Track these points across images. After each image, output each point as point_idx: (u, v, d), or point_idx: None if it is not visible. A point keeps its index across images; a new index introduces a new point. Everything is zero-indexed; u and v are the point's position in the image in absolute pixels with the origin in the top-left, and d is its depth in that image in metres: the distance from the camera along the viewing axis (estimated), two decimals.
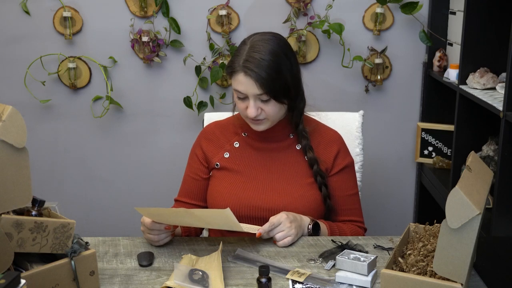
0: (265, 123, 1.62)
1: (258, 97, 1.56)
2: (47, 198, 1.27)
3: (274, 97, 1.55)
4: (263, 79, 1.52)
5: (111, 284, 1.34)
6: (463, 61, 2.25)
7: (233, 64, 1.57)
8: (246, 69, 1.53)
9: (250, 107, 1.57)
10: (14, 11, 2.67)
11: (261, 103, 1.57)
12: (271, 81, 1.53)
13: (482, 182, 1.22)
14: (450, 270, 1.11)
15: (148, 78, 2.76)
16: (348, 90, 2.76)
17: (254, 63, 1.53)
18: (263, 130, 1.64)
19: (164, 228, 1.50)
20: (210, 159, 1.73)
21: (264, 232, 1.50)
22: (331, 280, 1.32)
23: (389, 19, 2.66)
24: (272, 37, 1.59)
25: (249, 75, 1.53)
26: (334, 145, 1.71)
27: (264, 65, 1.53)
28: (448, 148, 2.66)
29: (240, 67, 1.54)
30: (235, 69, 1.56)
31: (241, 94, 1.58)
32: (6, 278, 0.98)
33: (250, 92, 1.55)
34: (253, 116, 1.57)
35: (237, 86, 1.57)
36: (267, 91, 1.54)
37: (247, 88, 1.55)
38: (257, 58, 1.53)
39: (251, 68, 1.52)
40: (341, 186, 1.70)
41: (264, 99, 1.56)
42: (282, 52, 1.57)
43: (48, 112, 2.80)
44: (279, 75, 1.55)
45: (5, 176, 1.11)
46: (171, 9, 2.65)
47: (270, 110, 1.58)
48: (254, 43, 1.57)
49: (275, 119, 1.63)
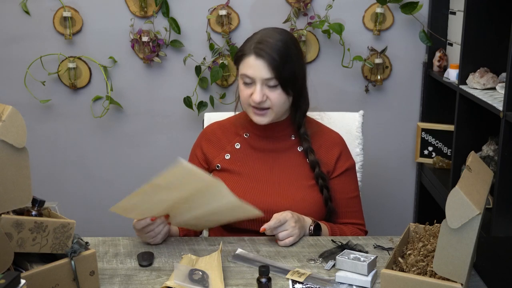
0: (268, 114, 1.61)
1: (266, 83, 1.56)
2: (47, 198, 1.27)
3: (282, 83, 1.56)
4: (275, 61, 1.54)
5: (111, 284, 1.34)
6: (463, 61, 2.25)
7: (243, 48, 1.59)
8: (259, 50, 1.55)
9: (256, 92, 1.56)
10: (14, 11, 2.67)
11: (267, 90, 1.57)
12: (281, 66, 1.55)
13: (482, 182, 1.22)
14: (450, 270, 1.11)
15: (148, 78, 2.76)
16: (348, 90, 2.76)
17: (267, 45, 1.55)
18: (266, 123, 1.62)
19: (151, 220, 1.47)
20: (210, 161, 1.72)
21: (269, 228, 1.50)
22: (331, 280, 1.32)
23: (389, 19, 2.66)
24: (283, 30, 1.63)
25: (261, 57, 1.54)
26: (336, 147, 1.71)
27: (276, 49, 1.55)
28: (448, 148, 2.66)
29: (251, 50, 1.56)
30: (245, 52, 1.58)
31: (248, 79, 1.58)
32: (6, 278, 0.98)
33: (258, 76, 1.55)
34: (258, 101, 1.56)
35: (246, 70, 1.57)
36: (276, 75, 1.54)
37: (256, 71, 1.55)
38: (270, 41, 1.56)
39: (263, 49, 1.54)
40: (343, 188, 1.70)
41: (271, 85, 1.56)
42: (292, 43, 1.60)
43: (48, 112, 2.80)
44: (289, 62, 1.57)
45: (5, 176, 1.11)
46: (171, 9, 2.65)
47: (276, 98, 1.58)
48: (266, 32, 1.60)
49: (279, 112, 1.62)
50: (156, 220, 1.49)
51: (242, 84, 1.60)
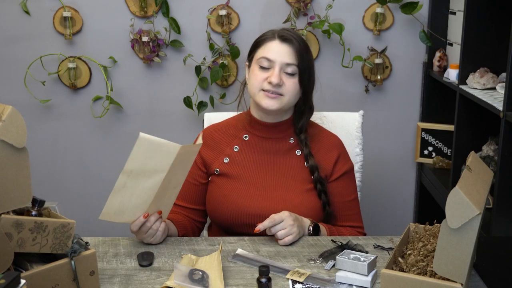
0: (279, 100, 1.61)
1: (284, 69, 1.60)
2: (47, 198, 1.27)
3: (300, 72, 1.61)
4: (301, 47, 1.61)
5: (111, 284, 1.34)
6: (463, 61, 2.25)
7: (265, 34, 1.65)
8: (285, 35, 1.61)
9: (274, 73, 1.59)
10: (14, 11, 2.67)
11: (284, 76, 1.61)
12: (304, 55, 1.61)
13: (482, 182, 1.22)
14: (450, 270, 1.11)
15: (148, 78, 2.76)
16: (348, 90, 2.76)
17: (292, 33, 1.63)
18: (275, 109, 1.61)
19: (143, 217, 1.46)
20: (209, 165, 1.71)
21: (264, 228, 1.50)
22: (331, 280, 1.32)
23: (389, 19, 2.66)
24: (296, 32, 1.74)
25: (287, 41, 1.61)
26: (334, 150, 1.71)
27: (300, 38, 1.64)
28: (448, 148, 2.66)
29: (275, 35, 1.63)
30: (268, 36, 1.64)
31: (267, 63, 1.61)
32: (6, 278, 0.98)
33: (279, 59, 1.60)
34: (276, 82, 1.58)
35: (267, 53, 1.61)
36: (298, 62, 1.60)
37: (279, 55, 1.60)
38: (292, 32, 1.64)
39: (289, 35, 1.62)
40: (341, 192, 1.70)
41: (290, 72, 1.61)
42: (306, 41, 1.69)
43: (48, 112, 2.80)
44: (309, 55, 1.65)
45: (5, 176, 1.11)
46: (171, 9, 2.65)
47: (291, 86, 1.61)
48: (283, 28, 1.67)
49: (289, 101, 1.63)
50: (149, 218, 1.47)
51: (258, 69, 1.63)
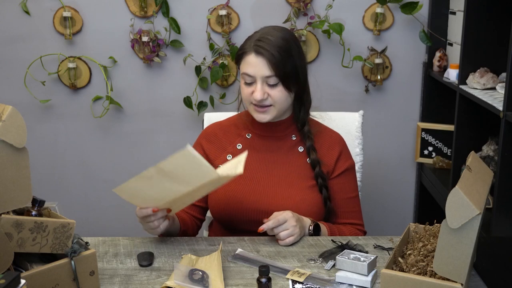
0: (270, 111, 1.61)
1: (266, 80, 1.56)
2: (47, 198, 1.27)
3: (283, 80, 1.56)
4: (275, 58, 1.54)
5: (111, 284, 1.34)
6: (463, 61, 2.25)
7: (243, 47, 1.60)
8: (258, 48, 1.55)
9: (257, 90, 1.57)
10: (14, 11, 2.67)
11: (268, 88, 1.58)
12: (281, 63, 1.55)
13: (482, 182, 1.22)
14: (450, 270, 1.11)
15: (148, 78, 2.76)
16: (348, 90, 2.76)
17: (267, 43, 1.56)
18: (268, 121, 1.62)
19: (152, 211, 1.44)
20: (212, 161, 1.71)
21: (268, 228, 1.50)
22: (331, 280, 1.32)
23: (389, 19, 2.66)
24: (283, 28, 1.64)
25: (260, 54, 1.55)
26: (336, 147, 1.71)
27: (276, 45, 1.56)
28: (448, 148, 2.66)
29: (251, 48, 1.57)
30: (245, 50, 1.59)
31: (249, 78, 1.58)
32: (6, 278, 0.98)
33: (259, 74, 1.56)
34: (259, 99, 1.57)
35: (247, 68, 1.58)
36: (277, 73, 1.55)
37: (257, 69, 1.56)
38: (270, 39, 1.57)
39: (263, 46, 1.55)
40: (342, 188, 1.70)
41: (272, 83, 1.57)
42: (292, 40, 1.61)
43: (48, 112, 2.80)
44: (290, 59, 1.57)
45: (5, 176, 1.11)
46: (171, 9, 2.65)
47: (277, 95, 1.58)
48: (266, 30, 1.61)
49: (281, 108, 1.62)
50: (157, 213, 1.46)
51: (244, 84, 1.61)
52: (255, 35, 1.61)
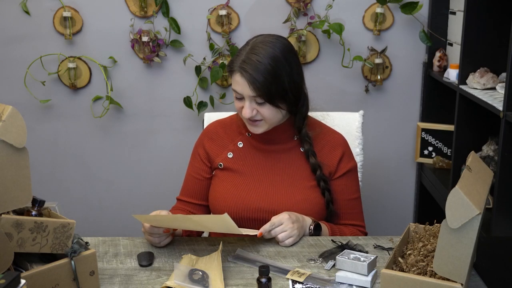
0: (262, 125, 1.61)
1: (254, 99, 1.56)
2: (47, 198, 1.27)
3: (269, 100, 1.55)
4: (258, 82, 1.52)
5: (111, 284, 1.34)
6: (463, 61, 2.25)
7: (232, 64, 1.58)
8: (242, 70, 1.53)
9: (245, 107, 1.57)
10: (14, 11, 2.67)
11: (256, 105, 1.57)
12: (266, 85, 1.52)
13: (482, 182, 1.22)
14: (450, 270, 1.11)
15: (148, 78, 2.76)
16: (348, 90, 2.76)
17: (251, 65, 1.52)
18: (262, 132, 1.63)
19: (163, 232, 1.50)
20: (213, 159, 1.72)
21: (265, 232, 1.50)
22: (331, 280, 1.32)
23: (389, 19, 2.66)
24: (274, 40, 1.58)
25: (244, 77, 1.53)
26: (339, 148, 1.71)
27: (261, 68, 1.52)
28: (448, 148, 2.66)
29: (238, 68, 1.55)
30: (233, 68, 1.57)
31: (238, 94, 1.58)
32: (6, 278, 0.98)
33: (245, 93, 1.55)
34: (248, 117, 1.58)
35: (235, 86, 1.58)
36: (261, 94, 1.53)
37: (243, 88, 1.55)
38: (255, 60, 1.52)
39: (247, 69, 1.52)
40: (344, 190, 1.70)
41: (259, 102, 1.56)
42: (283, 56, 1.55)
43: (48, 112, 2.80)
44: (276, 80, 1.54)
45: (5, 176, 1.11)
46: (171, 9, 2.65)
47: (266, 112, 1.57)
48: (255, 45, 1.56)
49: (272, 123, 1.62)
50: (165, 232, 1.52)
51: (235, 98, 1.61)
52: (244, 49, 1.57)
